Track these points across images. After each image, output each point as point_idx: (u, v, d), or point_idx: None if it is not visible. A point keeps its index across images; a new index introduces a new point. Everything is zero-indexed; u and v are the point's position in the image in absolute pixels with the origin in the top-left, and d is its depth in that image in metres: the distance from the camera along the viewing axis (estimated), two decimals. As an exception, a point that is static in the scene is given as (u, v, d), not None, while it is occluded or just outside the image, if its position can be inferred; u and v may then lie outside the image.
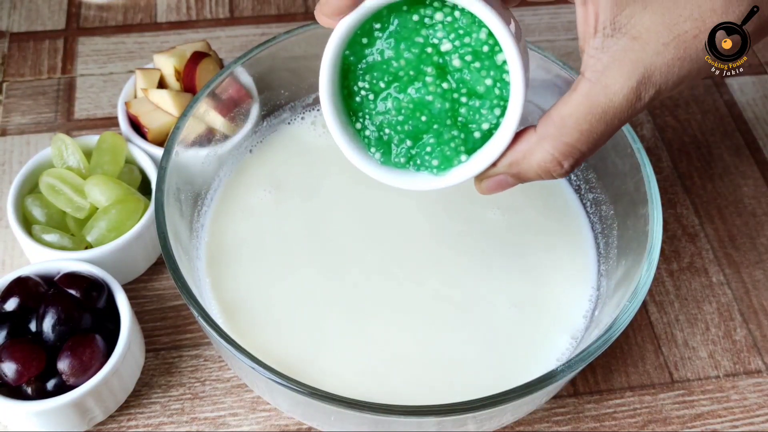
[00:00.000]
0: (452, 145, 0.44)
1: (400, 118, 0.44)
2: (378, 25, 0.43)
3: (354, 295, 0.57)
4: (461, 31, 0.42)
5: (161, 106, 0.66)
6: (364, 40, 0.44)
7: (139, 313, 0.61)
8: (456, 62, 0.43)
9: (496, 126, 0.44)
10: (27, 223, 0.61)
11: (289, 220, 0.60)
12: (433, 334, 0.55)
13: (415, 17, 0.42)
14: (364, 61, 0.44)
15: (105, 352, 0.54)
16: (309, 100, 0.66)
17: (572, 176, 0.62)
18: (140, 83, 0.68)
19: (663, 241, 0.52)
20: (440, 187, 0.45)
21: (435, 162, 0.45)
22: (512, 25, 0.42)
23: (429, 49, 0.43)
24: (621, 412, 0.58)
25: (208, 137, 0.60)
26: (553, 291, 0.57)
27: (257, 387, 0.53)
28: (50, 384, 0.53)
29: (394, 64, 0.43)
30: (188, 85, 0.67)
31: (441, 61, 0.43)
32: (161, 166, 0.54)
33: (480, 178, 0.45)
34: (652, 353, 0.61)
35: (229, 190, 0.62)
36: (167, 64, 0.68)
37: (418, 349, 0.55)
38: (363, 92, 0.45)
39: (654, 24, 0.40)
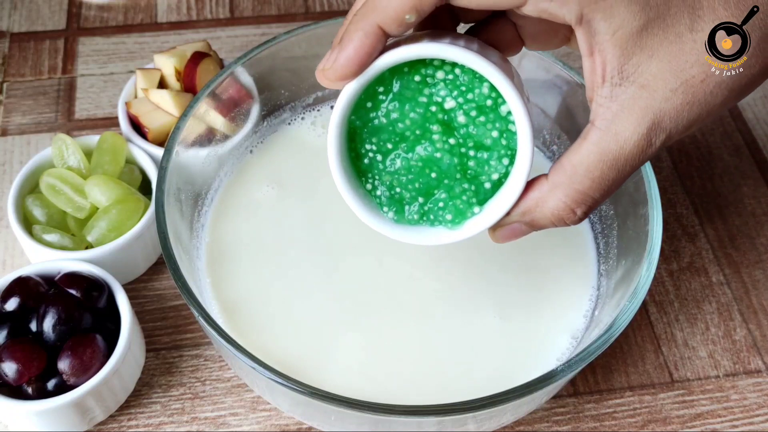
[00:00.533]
0: (464, 198, 0.45)
1: (410, 176, 0.45)
2: (381, 89, 0.43)
3: (355, 294, 0.57)
4: (463, 88, 0.42)
5: (162, 106, 0.66)
6: (369, 104, 0.44)
7: (140, 313, 0.62)
8: (461, 118, 0.43)
9: (506, 175, 0.44)
10: (27, 223, 0.61)
11: (289, 220, 0.60)
12: (433, 333, 0.55)
13: (417, 77, 0.43)
14: (370, 124, 0.44)
15: (105, 351, 0.54)
16: (309, 101, 0.67)
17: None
18: (141, 83, 0.68)
19: (663, 241, 0.52)
20: (456, 240, 0.45)
21: (449, 216, 0.45)
22: (515, 78, 0.43)
23: (433, 108, 0.43)
24: (621, 411, 0.59)
25: (209, 137, 0.60)
26: (553, 291, 0.57)
27: (257, 387, 0.53)
28: (51, 384, 0.53)
29: (400, 125, 0.44)
30: (188, 85, 0.68)
31: (446, 118, 0.43)
32: (162, 166, 0.54)
33: (494, 228, 0.45)
34: (652, 353, 0.61)
35: (230, 190, 0.62)
36: (168, 64, 0.68)
37: (419, 348, 0.55)
38: (371, 154, 0.45)
39: (661, 71, 0.40)
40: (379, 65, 0.42)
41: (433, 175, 0.44)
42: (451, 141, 0.43)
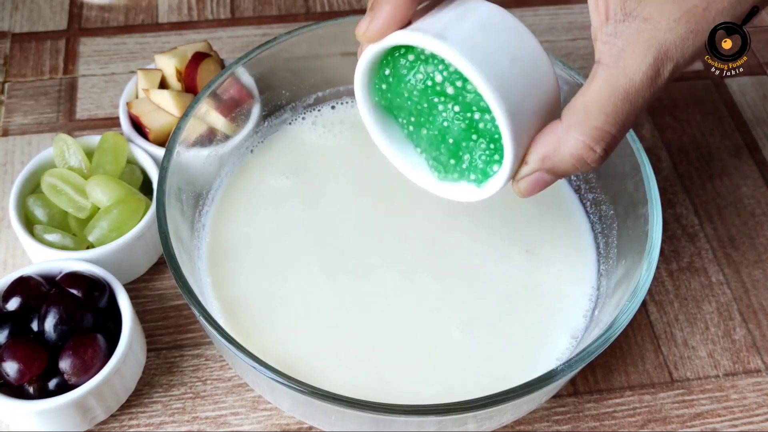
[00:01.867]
0: (483, 158, 0.46)
1: (436, 144, 0.47)
2: (388, 71, 0.47)
3: (355, 294, 0.57)
4: (446, 62, 0.44)
5: (162, 107, 0.66)
6: (384, 86, 0.47)
7: (141, 313, 0.62)
8: (450, 90, 0.45)
9: None
10: (29, 223, 0.62)
11: (290, 220, 0.60)
12: (434, 333, 0.55)
13: (411, 56, 0.45)
14: (391, 103, 0.48)
15: (106, 351, 0.54)
16: (310, 101, 0.67)
17: (572, 176, 0.63)
18: (142, 83, 0.68)
19: (662, 241, 0.52)
20: (483, 198, 0.47)
21: (472, 176, 0.47)
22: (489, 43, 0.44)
23: (429, 82, 0.45)
24: (621, 411, 0.59)
25: (210, 137, 0.61)
26: (553, 290, 0.58)
27: (258, 386, 0.53)
28: (52, 383, 0.53)
29: (409, 101, 0.46)
30: (189, 86, 0.68)
31: (443, 90, 0.45)
32: (162, 166, 0.54)
33: (515, 180, 0.46)
34: (652, 353, 0.62)
35: (231, 190, 0.62)
36: (169, 65, 0.68)
37: (420, 348, 0.55)
38: (406, 125, 0.49)
39: (663, 3, 0.41)
40: (370, 54, 0.46)
41: (451, 141, 0.46)
42: (456, 108, 0.45)
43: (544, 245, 0.60)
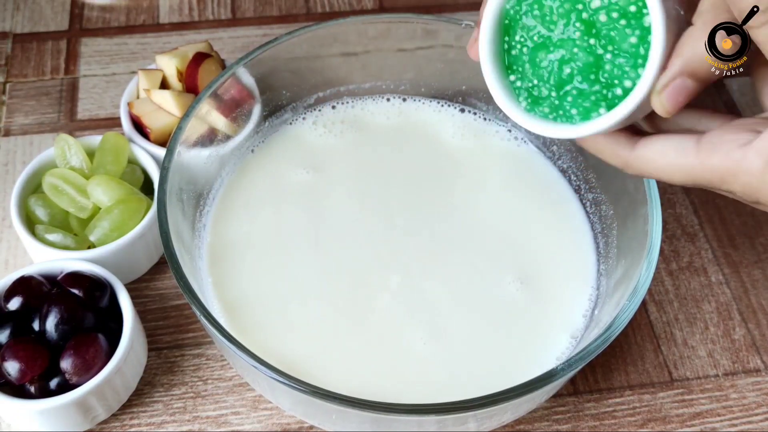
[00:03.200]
0: (593, 98, 0.45)
1: (549, 70, 0.46)
2: None
3: (356, 294, 0.57)
4: None
5: (164, 107, 0.67)
6: None
7: (142, 313, 0.62)
8: (603, 17, 0.44)
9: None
10: (30, 223, 0.62)
11: (290, 220, 0.61)
12: (434, 333, 0.55)
13: None
14: (523, 15, 0.46)
15: (108, 351, 0.54)
16: (310, 101, 0.67)
17: (572, 176, 0.63)
18: (143, 84, 0.68)
19: (662, 241, 0.52)
20: (577, 136, 0.46)
21: (574, 112, 0.46)
22: None
23: (579, 6, 0.44)
24: (620, 410, 0.59)
25: (210, 137, 0.61)
26: (553, 290, 0.58)
27: (259, 386, 0.53)
28: (53, 383, 0.53)
29: (548, 19, 0.45)
30: (190, 86, 0.68)
31: (591, 18, 0.44)
32: (164, 166, 0.54)
33: (657, 93, 0.44)
34: (652, 352, 0.62)
35: (231, 189, 0.62)
36: (169, 65, 0.69)
37: (420, 348, 0.55)
38: (519, 46, 0.47)
39: None
40: None
41: (568, 70, 0.45)
42: (591, 41, 0.44)
43: (544, 245, 0.60)
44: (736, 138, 0.43)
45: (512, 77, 0.48)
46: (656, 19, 0.42)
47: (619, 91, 0.44)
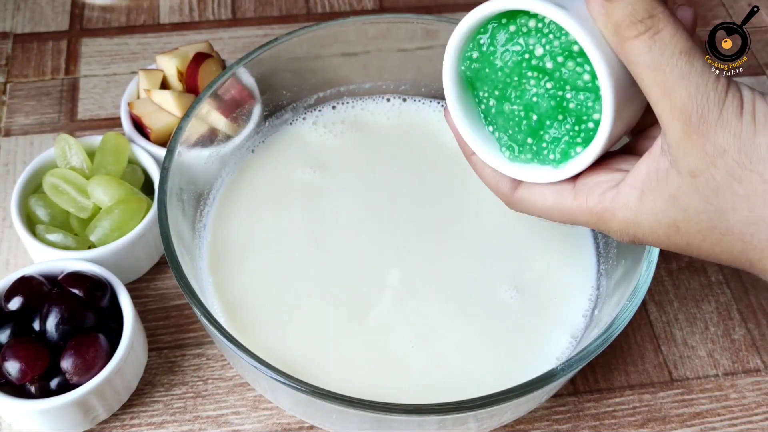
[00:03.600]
0: (566, 139, 0.46)
1: (517, 119, 0.47)
2: (484, 39, 0.47)
3: (356, 294, 0.57)
4: (551, 36, 0.44)
5: (164, 107, 0.67)
6: (474, 54, 0.47)
7: (142, 313, 0.62)
8: (549, 64, 0.44)
9: None
10: (31, 223, 0.62)
11: (291, 220, 0.61)
12: (434, 333, 0.55)
13: (512, 27, 0.45)
14: (477, 72, 0.48)
15: (108, 351, 0.54)
16: (310, 101, 0.67)
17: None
18: (143, 84, 0.68)
19: (662, 241, 0.52)
20: (559, 179, 0.47)
21: (552, 157, 0.47)
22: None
23: (527, 55, 0.45)
24: (620, 410, 0.59)
25: (211, 138, 0.61)
26: (553, 290, 0.58)
27: (259, 386, 0.53)
28: (54, 383, 0.53)
29: (499, 73, 0.46)
30: (191, 86, 0.68)
31: (540, 64, 0.45)
32: (164, 167, 0.54)
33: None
34: (652, 352, 0.62)
35: (232, 190, 0.62)
36: (170, 65, 0.69)
37: (420, 348, 0.55)
38: (485, 100, 0.49)
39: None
40: (479, 14, 0.45)
41: (534, 117, 0.46)
42: (548, 85, 0.45)
43: (543, 245, 0.60)
44: (608, 179, 0.45)
45: (490, 128, 0.49)
46: (597, 62, 0.42)
47: (591, 125, 0.45)
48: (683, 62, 0.39)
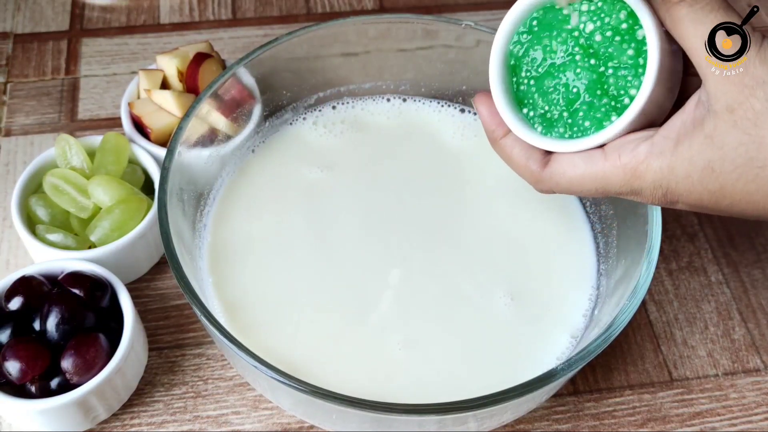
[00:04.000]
0: (603, 110, 0.48)
1: (557, 95, 0.49)
2: (535, 22, 0.49)
3: (356, 294, 0.57)
4: (603, 14, 0.47)
5: (164, 107, 0.67)
6: (526, 36, 0.50)
7: (143, 312, 0.62)
8: (598, 37, 0.47)
9: None
10: (31, 223, 0.62)
11: (291, 220, 0.61)
12: (433, 333, 0.56)
13: (565, 10, 0.48)
14: (526, 53, 0.50)
15: (108, 350, 0.54)
16: (311, 101, 0.67)
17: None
18: (143, 84, 0.68)
19: (662, 241, 0.52)
20: (594, 145, 0.48)
21: (587, 124, 0.48)
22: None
23: (576, 33, 0.48)
24: (620, 410, 0.59)
25: (211, 137, 0.61)
26: (553, 290, 0.58)
27: (259, 385, 0.53)
28: (54, 382, 0.53)
29: (549, 51, 0.49)
30: (191, 86, 0.68)
31: (588, 43, 0.48)
32: (164, 167, 0.54)
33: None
34: (652, 352, 0.62)
35: (232, 190, 0.62)
36: (170, 65, 0.69)
37: (420, 348, 0.55)
38: (526, 81, 0.50)
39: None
40: (530, 3, 0.49)
41: (574, 90, 0.48)
42: (592, 61, 0.48)
43: (543, 245, 0.60)
44: (638, 136, 0.46)
45: (525, 110, 0.51)
46: (649, 27, 0.45)
47: (626, 101, 0.47)
48: (721, 15, 0.42)
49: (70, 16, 0.83)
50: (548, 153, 0.50)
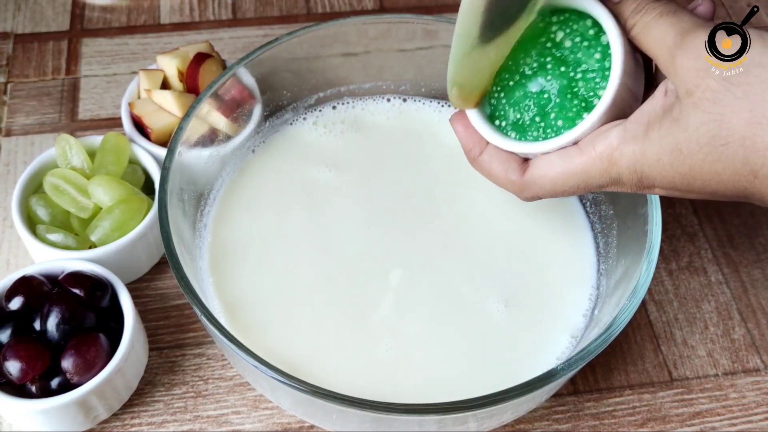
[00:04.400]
0: (574, 110, 0.49)
1: (528, 102, 0.50)
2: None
3: (356, 294, 0.57)
4: (571, 23, 0.49)
5: (164, 107, 0.67)
6: None
7: (143, 312, 0.62)
8: (568, 43, 0.49)
9: None
10: (31, 223, 0.62)
11: (291, 220, 0.61)
12: (434, 333, 0.56)
13: (541, 24, 0.50)
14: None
15: (109, 350, 0.54)
16: (311, 101, 0.67)
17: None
18: (144, 84, 0.69)
19: (662, 241, 0.52)
20: (568, 141, 0.49)
21: (560, 123, 0.50)
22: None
23: (549, 44, 0.50)
24: (620, 410, 0.59)
25: (211, 138, 0.61)
26: (553, 290, 0.58)
27: (259, 385, 0.53)
28: (54, 382, 0.53)
29: (523, 62, 0.51)
30: (191, 86, 0.68)
31: (558, 52, 0.49)
32: (164, 167, 0.54)
33: None
34: (652, 352, 0.62)
35: (232, 190, 0.62)
36: (170, 65, 0.69)
37: (420, 348, 0.55)
38: (496, 95, 0.52)
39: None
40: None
41: (546, 96, 0.50)
42: (562, 68, 0.49)
43: (543, 245, 0.60)
44: (610, 126, 0.47)
45: (497, 122, 0.52)
46: (611, 32, 0.47)
47: (596, 101, 0.48)
48: (676, 20, 0.44)
49: (71, 16, 0.83)
50: (526, 161, 0.50)
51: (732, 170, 0.42)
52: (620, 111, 0.47)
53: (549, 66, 0.50)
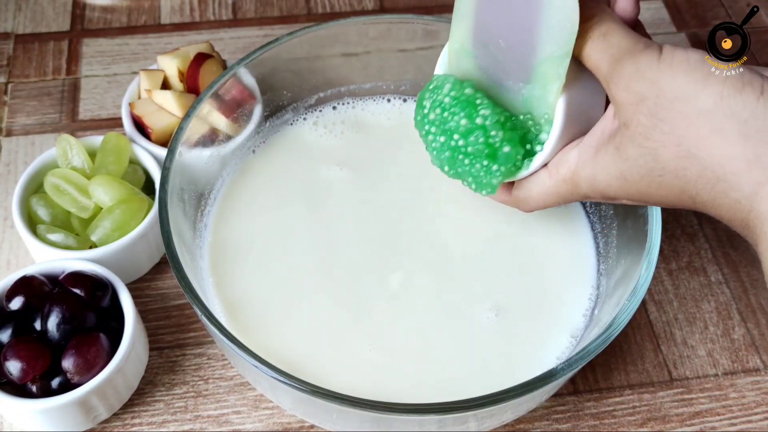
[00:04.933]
0: (527, 148, 0.51)
1: (468, 159, 0.52)
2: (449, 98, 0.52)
3: (357, 294, 0.57)
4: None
5: (165, 107, 0.67)
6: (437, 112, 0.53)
7: (143, 312, 0.62)
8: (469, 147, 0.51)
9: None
10: (32, 223, 0.62)
11: (292, 220, 0.61)
12: (434, 333, 0.56)
13: (468, 90, 0.51)
14: (440, 121, 0.53)
15: (109, 350, 0.54)
16: (311, 101, 0.67)
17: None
18: (144, 84, 0.69)
19: (662, 241, 0.52)
20: (530, 172, 0.51)
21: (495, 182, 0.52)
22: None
23: (479, 120, 0.50)
24: (620, 410, 0.59)
25: (212, 138, 0.61)
26: (553, 290, 0.58)
27: (260, 385, 0.53)
28: (55, 382, 0.53)
29: (451, 124, 0.52)
30: (192, 86, 0.68)
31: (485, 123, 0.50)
32: (165, 167, 0.54)
33: None
34: (651, 352, 0.62)
35: (232, 190, 0.62)
36: (171, 66, 0.69)
37: (420, 348, 0.55)
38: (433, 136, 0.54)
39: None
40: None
41: (460, 157, 0.52)
42: (502, 118, 0.50)
43: (543, 245, 0.60)
44: (570, 146, 0.49)
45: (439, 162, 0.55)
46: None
47: (539, 148, 0.50)
48: (617, 40, 0.44)
49: (71, 16, 0.83)
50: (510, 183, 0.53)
51: (674, 195, 0.44)
52: (579, 125, 0.49)
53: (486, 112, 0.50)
